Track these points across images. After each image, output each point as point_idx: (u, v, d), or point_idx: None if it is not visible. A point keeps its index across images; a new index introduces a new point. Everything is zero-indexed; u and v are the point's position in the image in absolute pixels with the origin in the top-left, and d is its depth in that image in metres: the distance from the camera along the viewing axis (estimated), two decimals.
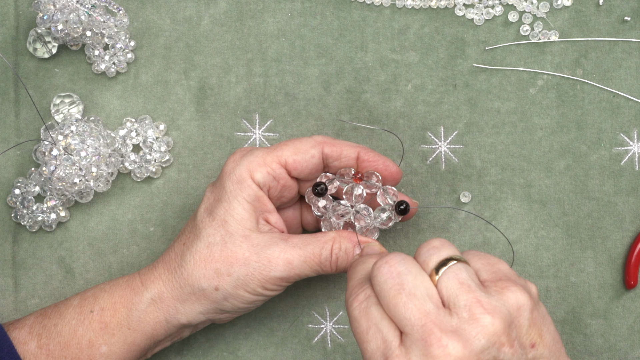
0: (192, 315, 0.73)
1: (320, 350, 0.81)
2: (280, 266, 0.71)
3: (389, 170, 0.73)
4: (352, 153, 0.73)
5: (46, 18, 0.78)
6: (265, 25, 0.81)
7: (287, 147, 0.72)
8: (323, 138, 0.73)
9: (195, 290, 0.72)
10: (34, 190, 0.80)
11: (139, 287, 0.73)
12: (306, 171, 0.73)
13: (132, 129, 0.80)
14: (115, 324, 0.73)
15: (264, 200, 0.72)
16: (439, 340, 0.59)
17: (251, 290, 0.71)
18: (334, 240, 0.72)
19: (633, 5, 0.81)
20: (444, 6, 0.81)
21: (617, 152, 0.80)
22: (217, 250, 0.71)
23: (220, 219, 0.71)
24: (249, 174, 0.71)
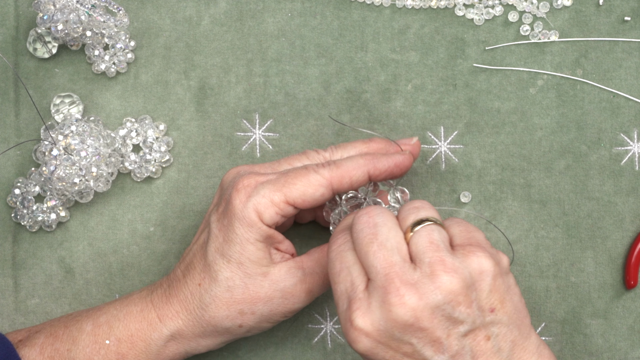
0: (214, 346, 0.74)
1: (320, 350, 0.81)
2: (303, 298, 0.72)
3: (402, 166, 0.72)
4: (362, 176, 0.71)
5: (46, 18, 0.78)
6: (265, 25, 0.81)
7: (294, 188, 0.70)
8: (330, 172, 0.70)
9: (218, 328, 0.72)
10: (34, 190, 0.80)
11: (156, 322, 0.73)
12: (314, 205, 0.71)
13: (132, 129, 0.80)
14: (133, 356, 0.73)
15: (275, 236, 0.71)
16: (397, 290, 0.63)
17: (274, 322, 0.73)
18: None
19: (633, 5, 0.81)
20: (444, 6, 0.81)
21: (617, 152, 0.80)
22: (238, 293, 0.71)
23: (235, 261, 0.71)
24: (257, 216, 0.70)
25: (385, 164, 0.71)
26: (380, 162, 0.71)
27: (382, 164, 0.71)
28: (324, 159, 0.74)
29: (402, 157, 0.72)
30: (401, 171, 0.72)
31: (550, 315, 0.80)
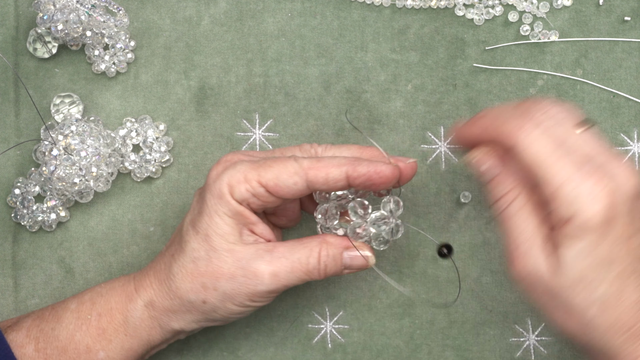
0: (185, 324, 0.73)
1: (320, 350, 0.81)
2: (266, 279, 0.70)
3: (383, 176, 0.69)
4: (339, 175, 0.68)
5: (46, 18, 0.78)
6: (265, 25, 0.81)
7: (270, 170, 0.69)
8: (309, 163, 0.69)
9: (184, 302, 0.72)
10: (34, 190, 0.80)
11: (133, 293, 0.73)
12: (288, 196, 0.70)
13: (132, 129, 0.80)
14: (112, 330, 0.73)
15: (245, 214, 0.70)
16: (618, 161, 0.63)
17: (239, 303, 0.71)
18: (320, 247, 0.70)
19: (633, 5, 0.81)
20: (444, 6, 0.81)
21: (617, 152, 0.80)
22: (202, 265, 0.70)
23: (203, 233, 0.70)
24: (228, 189, 0.69)
25: (365, 168, 0.68)
26: (360, 165, 0.68)
27: (362, 168, 0.68)
28: (315, 153, 0.73)
29: (384, 166, 0.68)
30: (381, 180, 0.69)
31: None
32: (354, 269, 0.71)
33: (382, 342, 0.81)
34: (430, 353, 0.81)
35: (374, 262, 0.71)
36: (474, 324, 0.81)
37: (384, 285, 0.81)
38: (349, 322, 0.81)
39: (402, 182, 0.71)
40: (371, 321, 0.81)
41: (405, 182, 0.71)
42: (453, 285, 0.81)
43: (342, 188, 0.70)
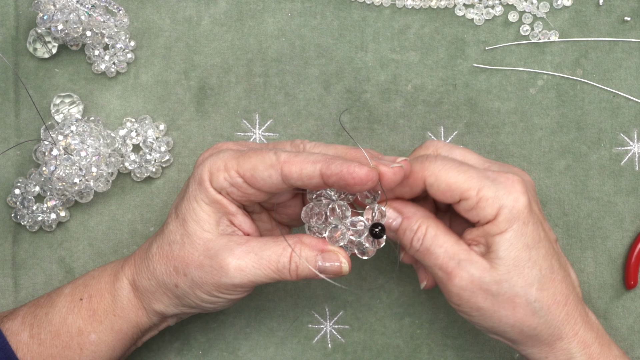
0: (164, 307, 0.72)
1: (320, 350, 0.81)
2: (231, 272, 0.69)
3: (356, 177, 0.66)
4: (312, 171, 0.67)
5: (46, 18, 0.78)
6: (265, 25, 0.81)
7: (248, 161, 0.68)
8: (286, 157, 0.67)
9: (160, 283, 0.71)
10: (34, 190, 0.80)
11: (119, 272, 0.74)
12: (265, 188, 0.68)
13: (132, 129, 0.80)
14: (102, 311, 0.73)
15: (223, 204, 0.70)
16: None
17: (207, 292, 0.70)
18: (294, 247, 0.69)
19: (633, 5, 0.81)
20: (444, 6, 0.81)
21: (617, 152, 0.80)
22: (176, 249, 0.70)
23: (181, 217, 0.70)
24: (208, 176, 0.69)
25: (338, 167, 0.66)
26: (334, 163, 0.66)
27: (335, 167, 0.66)
28: (303, 148, 0.71)
29: (358, 167, 0.66)
30: (354, 181, 0.66)
31: None
32: (328, 273, 0.69)
33: (382, 342, 0.81)
34: (431, 353, 0.81)
35: (347, 270, 0.69)
36: None
37: (385, 286, 0.81)
38: (349, 322, 0.81)
39: (386, 186, 0.68)
40: (371, 321, 0.81)
41: (391, 186, 0.68)
42: None
43: (318, 185, 0.68)
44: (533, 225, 0.68)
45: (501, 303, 0.68)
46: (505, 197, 0.67)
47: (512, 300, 0.68)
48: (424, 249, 0.68)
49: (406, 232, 0.69)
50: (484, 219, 0.68)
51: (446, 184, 0.67)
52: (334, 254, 0.69)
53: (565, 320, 0.69)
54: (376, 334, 0.81)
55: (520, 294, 0.67)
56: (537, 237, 0.68)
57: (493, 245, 0.67)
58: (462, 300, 0.68)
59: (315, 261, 0.69)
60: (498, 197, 0.67)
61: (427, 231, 0.69)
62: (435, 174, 0.68)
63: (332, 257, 0.69)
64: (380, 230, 0.69)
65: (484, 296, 0.68)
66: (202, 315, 0.81)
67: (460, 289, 0.68)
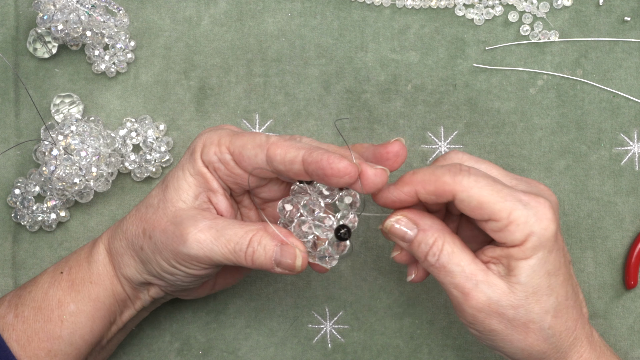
0: (131, 272, 0.73)
1: (320, 350, 0.81)
2: (189, 242, 0.68)
3: (334, 168, 0.65)
4: (295, 156, 0.67)
5: (46, 18, 0.78)
6: (265, 25, 0.81)
7: (241, 138, 0.69)
8: (276, 139, 0.68)
9: (128, 245, 0.72)
10: (34, 190, 0.80)
11: (98, 240, 0.75)
12: (249, 168, 0.69)
13: (132, 129, 0.80)
14: (80, 280, 0.73)
15: (207, 177, 0.70)
16: None
17: (166, 259, 0.70)
18: (255, 233, 0.69)
19: (633, 5, 0.81)
20: (444, 6, 0.81)
21: (617, 152, 0.80)
22: (150, 212, 0.71)
23: (165, 184, 0.71)
24: (201, 148, 0.70)
25: (319, 156, 0.65)
26: (316, 152, 0.66)
27: (317, 155, 0.66)
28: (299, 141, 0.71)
29: (338, 159, 0.65)
30: (332, 172, 0.65)
31: None
32: (282, 267, 0.69)
33: (382, 342, 0.81)
34: (431, 353, 0.81)
35: (300, 266, 0.68)
36: None
37: (385, 285, 0.81)
38: (349, 322, 0.81)
39: (366, 186, 0.67)
40: (371, 321, 0.81)
41: (372, 188, 0.67)
42: None
43: (298, 172, 0.67)
44: (556, 253, 0.67)
45: (515, 327, 0.67)
46: (537, 225, 0.66)
47: (527, 325, 0.67)
48: (440, 265, 0.67)
49: (421, 245, 0.68)
50: (511, 243, 0.66)
51: (478, 202, 0.66)
52: (292, 249, 0.68)
53: (572, 344, 0.69)
54: (376, 334, 0.81)
55: (536, 320, 0.67)
56: (558, 264, 0.67)
57: (515, 270, 0.67)
58: (477, 321, 0.67)
59: (272, 252, 0.68)
60: (529, 224, 0.66)
61: (443, 247, 0.67)
62: (467, 190, 0.66)
63: (289, 250, 0.68)
64: (345, 232, 0.68)
65: (499, 319, 0.67)
66: (202, 315, 0.81)
67: (476, 310, 0.67)
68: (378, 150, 0.69)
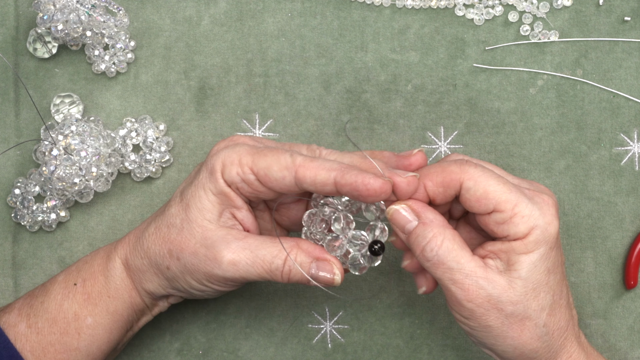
0: (154, 287, 0.73)
1: (320, 350, 0.81)
2: (224, 265, 0.69)
3: (370, 189, 0.66)
4: (326, 179, 0.67)
5: (46, 18, 0.78)
6: (265, 25, 0.81)
7: (264, 159, 0.68)
8: (302, 161, 0.67)
9: (152, 263, 0.72)
10: (34, 190, 0.80)
11: (112, 252, 0.74)
12: (277, 189, 0.69)
13: (132, 129, 0.80)
14: (97, 294, 0.73)
15: (231, 196, 0.70)
16: None
17: (197, 280, 0.70)
18: (289, 250, 0.69)
19: (633, 5, 0.81)
20: (444, 6, 0.81)
21: (617, 152, 0.80)
22: (174, 232, 0.70)
23: (185, 202, 0.70)
24: (221, 168, 0.69)
25: (353, 178, 0.66)
26: (349, 173, 0.66)
27: (350, 177, 0.66)
28: (319, 154, 0.72)
29: (373, 179, 0.66)
30: (368, 193, 0.66)
31: None
32: (320, 282, 0.69)
33: (382, 342, 0.81)
34: (431, 353, 0.81)
35: (339, 282, 0.69)
36: None
37: (385, 286, 0.81)
38: (349, 322, 0.81)
39: (399, 197, 0.68)
40: (371, 321, 0.81)
41: (405, 197, 0.69)
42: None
43: (330, 193, 0.68)
44: (557, 250, 0.68)
45: (511, 324, 0.68)
46: (540, 219, 0.67)
47: (523, 322, 0.68)
48: (437, 260, 0.67)
49: (418, 237, 0.68)
50: (513, 235, 0.67)
51: (484, 191, 0.67)
52: (329, 264, 0.69)
53: (563, 344, 0.69)
54: (376, 334, 0.81)
55: (532, 317, 0.68)
56: (557, 262, 0.68)
57: (516, 264, 0.67)
58: (473, 316, 0.67)
59: (309, 268, 0.69)
60: (533, 217, 0.66)
61: (442, 243, 0.67)
62: (474, 179, 0.67)
63: (326, 266, 0.69)
64: (379, 248, 0.69)
65: (497, 315, 0.67)
66: (202, 315, 0.81)
67: (475, 306, 0.67)
68: (401, 162, 0.70)
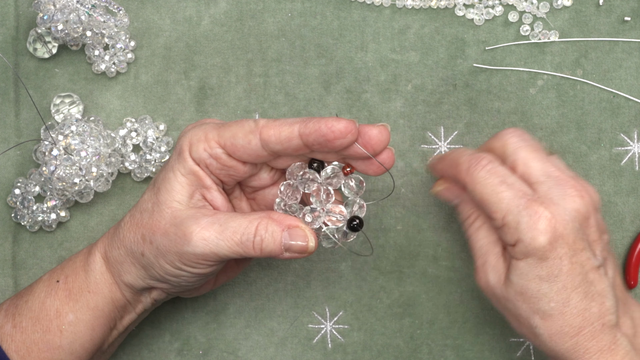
0: (132, 279, 0.72)
1: (320, 350, 0.81)
2: (194, 241, 0.68)
3: (335, 130, 0.66)
4: (291, 132, 0.67)
5: (46, 18, 0.78)
6: (265, 25, 0.81)
7: (229, 129, 0.68)
8: (265, 122, 0.67)
9: (128, 252, 0.71)
10: (34, 190, 0.80)
11: (93, 248, 0.74)
12: (245, 156, 0.68)
13: (132, 129, 0.80)
14: (77, 289, 0.73)
15: (199, 175, 0.69)
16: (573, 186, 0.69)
17: (170, 262, 0.70)
18: (260, 221, 0.68)
19: (633, 5, 0.81)
20: (444, 6, 0.81)
21: (617, 152, 0.80)
22: (146, 217, 0.70)
23: (156, 187, 0.70)
24: (188, 147, 0.69)
25: (316, 123, 0.66)
26: (312, 121, 0.66)
27: (313, 123, 0.66)
28: None
29: (337, 120, 0.66)
30: (335, 135, 0.66)
31: None
32: (293, 251, 0.68)
33: (382, 342, 0.81)
34: (431, 353, 0.81)
35: (313, 249, 0.68)
36: (474, 324, 0.81)
37: (384, 286, 0.81)
38: (349, 322, 0.81)
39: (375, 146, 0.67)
40: (371, 321, 0.81)
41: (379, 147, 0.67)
42: (453, 285, 0.81)
43: (297, 148, 0.67)
44: (553, 261, 0.67)
45: (508, 315, 0.71)
46: (524, 232, 0.67)
47: (517, 318, 0.70)
48: (468, 236, 0.72)
49: (460, 213, 0.73)
50: (506, 242, 0.69)
51: (480, 199, 0.69)
52: (301, 230, 0.68)
53: (572, 349, 0.69)
54: (376, 334, 0.81)
55: (524, 316, 0.69)
56: (555, 272, 0.68)
57: (511, 267, 0.69)
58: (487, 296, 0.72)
59: (281, 237, 0.68)
60: (518, 230, 0.67)
61: (473, 223, 0.72)
62: (474, 185, 0.69)
63: (298, 233, 0.68)
64: (357, 224, 0.69)
65: (495, 300, 0.71)
66: (202, 315, 0.81)
67: (480, 286, 0.71)
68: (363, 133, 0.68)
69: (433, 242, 0.81)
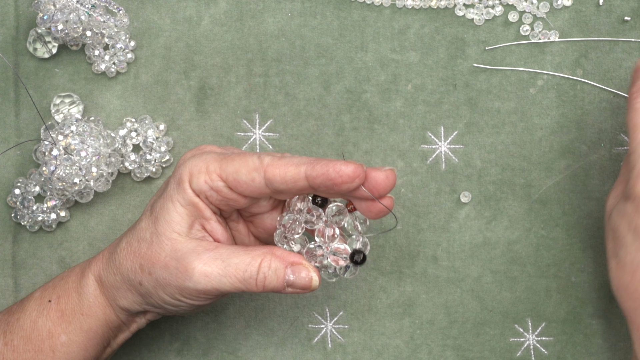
0: (128, 303, 0.71)
1: (320, 350, 0.81)
2: (195, 277, 0.67)
3: (343, 174, 0.65)
4: (297, 173, 0.66)
5: (46, 18, 0.78)
6: (265, 25, 0.81)
7: (231, 164, 0.67)
8: (270, 160, 0.66)
9: (125, 279, 0.70)
10: (34, 190, 0.80)
11: (86, 269, 0.73)
12: (247, 192, 0.67)
13: (132, 129, 0.80)
14: (70, 311, 0.72)
15: (199, 207, 0.68)
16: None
17: (170, 294, 0.69)
18: (263, 257, 0.67)
19: (633, 5, 0.81)
20: (444, 6, 0.81)
21: (617, 152, 0.80)
22: (144, 247, 0.69)
23: (154, 216, 0.69)
24: (188, 177, 0.68)
25: (324, 166, 0.65)
26: (319, 163, 0.65)
27: (321, 166, 0.65)
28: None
29: (345, 164, 0.65)
30: (341, 180, 0.65)
31: (550, 315, 0.80)
32: (296, 287, 0.68)
33: (382, 342, 0.81)
34: (430, 353, 0.81)
35: (317, 286, 0.68)
36: (474, 324, 0.81)
37: (384, 286, 0.81)
38: (349, 322, 0.81)
39: (380, 190, 0.66)
40: (371, 321, 0.81)
41: (385, 191, 0.66)
42: (453, 285, 0.81)
43: (302, 188, 0.67)
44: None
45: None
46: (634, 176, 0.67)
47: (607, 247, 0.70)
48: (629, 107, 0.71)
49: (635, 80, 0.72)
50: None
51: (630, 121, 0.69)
52: (304, 267, 0.68)
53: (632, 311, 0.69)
54: (376, 334, 0.81)
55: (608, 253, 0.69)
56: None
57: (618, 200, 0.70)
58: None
59: (284, 274, 0.68)
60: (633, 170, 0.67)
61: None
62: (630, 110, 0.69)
63: (301, 270, 0.68)
64: (362, 260, 0.68)
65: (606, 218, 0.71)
66: (202, 315, 0.81)
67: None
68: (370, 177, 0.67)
69: (433, 242, 0.81)
